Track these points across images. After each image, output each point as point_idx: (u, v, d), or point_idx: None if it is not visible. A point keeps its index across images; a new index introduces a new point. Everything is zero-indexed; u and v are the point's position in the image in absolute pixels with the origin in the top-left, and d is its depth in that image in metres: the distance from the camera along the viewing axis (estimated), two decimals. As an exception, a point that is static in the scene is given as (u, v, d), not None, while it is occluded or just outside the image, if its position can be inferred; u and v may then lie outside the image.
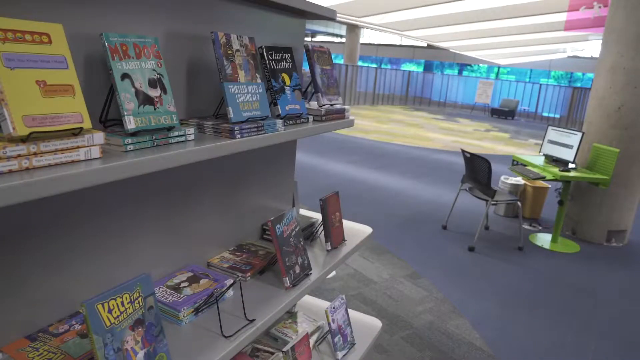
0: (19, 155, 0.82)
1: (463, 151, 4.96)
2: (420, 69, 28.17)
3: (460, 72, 28.18)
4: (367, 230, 2.25)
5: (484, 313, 3.44)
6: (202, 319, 1.36)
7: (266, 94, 1.51)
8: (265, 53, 1.57)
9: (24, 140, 0.83)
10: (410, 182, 7.24)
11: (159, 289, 1.41)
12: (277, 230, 1.53)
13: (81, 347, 1.10)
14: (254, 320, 1.37)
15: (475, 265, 4.28)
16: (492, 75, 27.24)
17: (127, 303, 1.00)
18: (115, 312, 0.98)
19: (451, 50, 23.00)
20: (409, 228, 5.14)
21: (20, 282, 1.11)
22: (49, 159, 0.87)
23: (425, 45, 25.65)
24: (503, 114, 19.41)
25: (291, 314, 2.22)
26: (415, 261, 4.27)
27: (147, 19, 1.27)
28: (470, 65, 27.92)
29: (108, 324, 0.96)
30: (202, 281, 1.46)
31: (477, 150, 9.89)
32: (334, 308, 2.04)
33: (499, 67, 27.52)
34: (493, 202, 4.62)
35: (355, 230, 2.23)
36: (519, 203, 4.96)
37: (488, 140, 12.60)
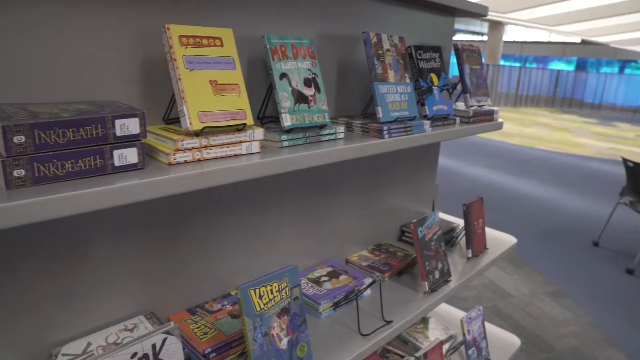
0: (193, 148, 0.91)
1: (625, 160, 4.40)
2: (572, 68, 25.60)
3: (621, 70, 25.01)
4: (510, 240, 2.11)
5: (643, 345, 3.02)
6: (340, 314, 1.39)
7: (414, 94, 1.49)
8: (414, 52, 1.54)
9: (197, 134, 0.92)
10: (555, 191, 6.63)
11: (301, 280, 1.47)
12: (419, 232, 1.49)
13: (232, 326, 1.19)
14: (391, 321, 1.35)
15: (634, 291, 3.77)
16: (662, 74, 23.75)
17: (276, 291, 1.06)
18: (265, 298, 1.03)
19: (611, 45, 20.53)
20: (552, 241, 4.71)
21: (185, 261, 1.23)
22: (217, 152, 0.94)
23: (578, 41, 23.26)
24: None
25: (423, 319, 2.17)
26: (558, 278, 3.90)
27: (303, 22, 1.33)
28: (635, 61, 24.63)
29: (258, 309, 1.02)
30: (341, 277, 1.49)
31: None
32: (470, 318, 1.95)
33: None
34: (660, 220, 4.03)
35: (498, 238, 2.10)
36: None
37: (654, 149, 11.04)
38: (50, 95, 0.91)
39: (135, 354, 0.87)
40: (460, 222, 2.14)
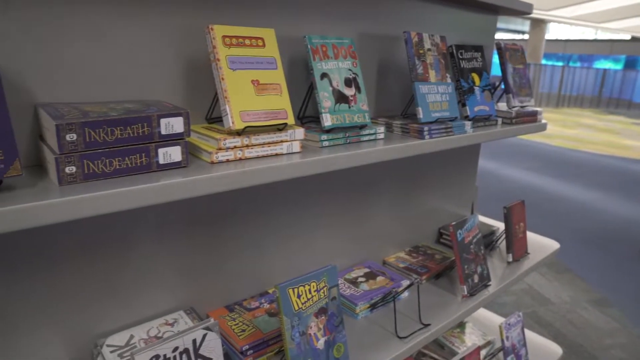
0: (235, 147, 0.92)
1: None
2: (619, 66, 24.59)
3: (674, 69, 23.82)
4: (553, 245, 2.04)
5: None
6: (376, 316, 1.38)
7: (455, 94, 1.46)
8: (455, 52, 1.52)
9: (239, 133, 0.93)
10: (599, 195, 6.39)
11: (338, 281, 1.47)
12: (458, 235, 1.47)
13: (269, 324, 1.20)
14: (428, 325, 1.34)
15: (684, 300, 3.60)
16: None
17: (314, 291, 1.06)
18: (303, 298, 1.04)
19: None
20: (595, 247, 4.54)
21: (224, 258, 1.25)
22: (258, 151, 0.95)
23: (628, 37, 22.29)
24: None
25: (460, 323, 2.13)
26: (603, 286, 3.76)
27: (343, 22, 1.33)
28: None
29: (296, 308, 1.02)
30: (378, 278, 1.48)
31: (691, 163, 8.32)
32: (509, 325, 1.90)
33: None
34: None
35: (539, 243, 2.04)
36: None
37: None
38: (99, 95, 0.94)
39: (176, 348, 0.89)
40: (499, 225, 2.09)
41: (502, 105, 1.75)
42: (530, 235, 2.07)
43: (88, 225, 0.99)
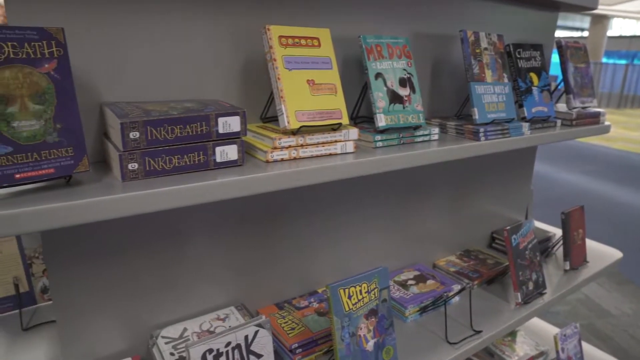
0: (290, 146, 0.93)
1: None
2: (690, 65, 23.02)
3: None
4: (614, 254, 1.94)
5: None
6: (426, 320, 1.35)
7: (512, 95, 1.41)
8: (513, 51, 1.47)
9: (294, 133, 0.93)
10: (666, 202, 6.01)
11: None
12: (512, 240, 1.42)
13: (318, 324, 1.20)
14: (480, 331, 1.30)
15: None
16: None
17: (365, 292, 1.05)
18: (354, 299, 1.03)
19: None
20: (661, 257, 4.28)
21: (276, 256, 1.26)
22: (312, 151, 0.96)
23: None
24: None
25: (511, 332, 2.06)
26: (668, 298, 3.54)
27: (398, 21, 1.31)
28: None
29: (347, 308, 1.02)
30: (428, 282, 1.45)
31: None
32: (564, 336, 1.82)
33: None
34: None
35: (599, 251, 1.94)
36: None
37: None
38: (159, 94, 0.97)
39: (229, 343, 0.90)
40: (555, 231, 2.01)
41: (562, 106, 1.68)
42: (589, 243, 1.97)
43: (147, 220, 1.03)
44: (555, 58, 1.93)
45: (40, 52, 0.69)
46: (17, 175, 0.67)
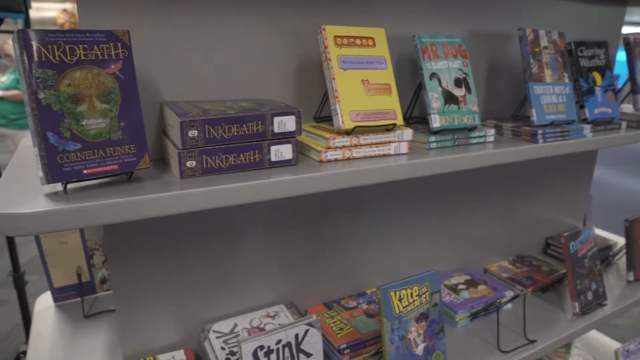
0: (344, 146, 0.92)
1: None
2: None
3: None
4: (682, 264, 1.82)
5: None
6: (476, 326, 1.32)
7: (572, 95, 1.35)
8: (574, 49, 1.40)
9: (348, 133, 0.93)
10: None
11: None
12: (570, 247, 1.36)
13: (367, 325, 1.19)
14: (534, 341, 1.25)
15: None
16: None
17: (416, 295, 1.03)
18: (405, 301, 1.02)
19: None
20: None
21: (325, 256, 1.26)
22: (366, 151, 0.95)
23: None
24: None
25: (566, 343, 1.98)
26: None
27: (453, 20, 1.28)
28: None
29: (397, 311, 1.01)
30: (479, 287, 1.42)
31: None
32: (627, 351, 1.72)
33: None
34: None
35: (665, 262, 1.83)
36: None
37: None
38: (216, 94, 0.99)
39: (279, 341, 0.91)
40: (617, 239, 1.91)
41: (627, 107, 1.59)
42: (655, 253, 1.86)
43: (203, 216, 1.06)
44: (620, 56, 1.84)
45: (108, 54, 0.72)
46: (85, 171, 0.70)
